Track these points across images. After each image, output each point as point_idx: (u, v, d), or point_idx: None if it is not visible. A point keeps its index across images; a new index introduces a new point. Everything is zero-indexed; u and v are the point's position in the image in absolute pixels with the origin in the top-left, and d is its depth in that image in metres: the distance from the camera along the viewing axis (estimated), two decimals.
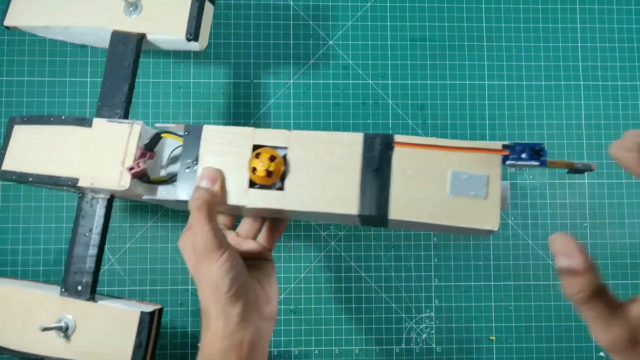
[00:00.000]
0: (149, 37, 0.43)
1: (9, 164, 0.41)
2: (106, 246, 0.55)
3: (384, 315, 0.56)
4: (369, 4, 0.60)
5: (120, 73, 0.41)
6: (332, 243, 0.56)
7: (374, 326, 0.55)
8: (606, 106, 0.59)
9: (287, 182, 0.35)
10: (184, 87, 0.58)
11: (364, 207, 0.33)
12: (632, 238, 0.57)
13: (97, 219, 0.40)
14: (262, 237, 0.41)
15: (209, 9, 0.43)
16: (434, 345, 0.55)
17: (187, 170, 0.36)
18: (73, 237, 0.40)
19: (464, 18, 0.60)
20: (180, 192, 0.36)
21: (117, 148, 0.38)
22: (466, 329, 0.56)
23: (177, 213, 0.55)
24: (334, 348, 0.55)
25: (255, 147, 0.35)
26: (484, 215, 0.33)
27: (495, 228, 0.33)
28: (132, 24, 0.42)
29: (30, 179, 0.40)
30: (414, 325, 0.56)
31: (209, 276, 0.34)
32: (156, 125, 0.39)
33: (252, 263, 0.39)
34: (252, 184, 0.35)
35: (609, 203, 0.58)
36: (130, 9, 0.42)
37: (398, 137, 0.35)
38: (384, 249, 0.56)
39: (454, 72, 0.59)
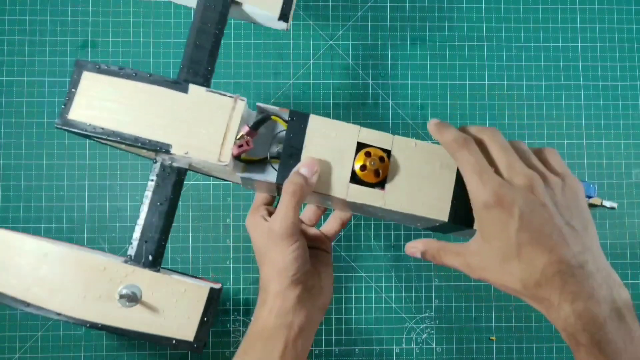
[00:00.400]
0: (244, 6, 0.42)
1: (77, 114, 0.37)
2: (106, 246, 0.55)
3: (384, 315, 0.56)
4: (369, 4, 0.60)
5: (207, 39, 0.40)
6: (333, 243, 0.56)
7: (374, 326, 0.55)
8: (606, 106, 0.59)
9: (388, 183, 0.36)
10: None
11: (452, 216, 0.36)
12: (632, 238, 0.57)
13: (173, 188, 0.38)
14: (326, 227, 0.43)
15: None
16: (434, 345, 0.55)
17: (290, 155, 0.36)
18: (145, 206, 0.38)
19: (464, 18, 0.60)
20: (279, 175, 0.37)
21: (217, 121, 0.37)
22: (466, 329, 0.56)
23: (176, 215, 0.55)
24: (334, 348, 0.55)
25: (360, 144, 0.37)
26: None
27: None
28: None
29: (107, 136, 0.37)
30: (414, 325, 0.56)
31: (280, 259, 0.35)
32: (258, 104, 0.38)
33: (312, 252, 0.40)
34: (351, 179, 0.37)
35: None
36: None
37: None
38: (384, 249, 0.56)
39: (454, 72, 0.59)
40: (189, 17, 0.58)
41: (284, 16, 0.43)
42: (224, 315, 0.55)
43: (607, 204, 0.40)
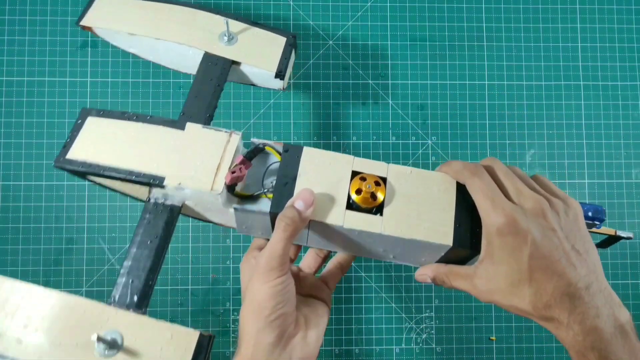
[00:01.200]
0: (242, 67, 0.45)
1: (76, 154, 0.37)
2: (106, 246, 0.55)
3: (384, 315, 0.56)
4: (369, 4, 0.60)
5: (208, 90, 0.42)
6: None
7: (374, 326, 0.55)
8: (606, 106, 0.59)
9: (386, 209, 0.35)
10: (184, 87, 0.58)
11: (457, 240, 0.35)
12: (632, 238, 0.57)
13: (165, 226, 0.37)
14: (324, 273, 0.42)
15: (292, 57, 0.46)
16: (434, 345, 0.55)
17: (284, 184, 0.36)
18: (134, 244, 0.37)
19: (464, 18, 0.60)
20: (273, 203, 0.36)
21: (211, 154, 0.37)
22: (466, 329, 0.56)
23: None
24: (334, 348, 0.55)
25: (354, 173, 0.36)
26: None
27: None
28: (226, 51, 0.44)
29: (101, 172, 0.36)
30: (414, 325, 0.56)
31: (259, 293, 0.33)
32: (252, 140, 0.39)
33: (307, 301, 0.38)
34: (348, 207, 0.36)
35: (609, 203, 0.58)
36: (226, 38, 0.44)
37: None
38: None
39: (454, 72, 0.59)
40: None
41: (281, 72, 0.44)
42: (224, 315, 0.55)
43: (623, 234, 0.40)
